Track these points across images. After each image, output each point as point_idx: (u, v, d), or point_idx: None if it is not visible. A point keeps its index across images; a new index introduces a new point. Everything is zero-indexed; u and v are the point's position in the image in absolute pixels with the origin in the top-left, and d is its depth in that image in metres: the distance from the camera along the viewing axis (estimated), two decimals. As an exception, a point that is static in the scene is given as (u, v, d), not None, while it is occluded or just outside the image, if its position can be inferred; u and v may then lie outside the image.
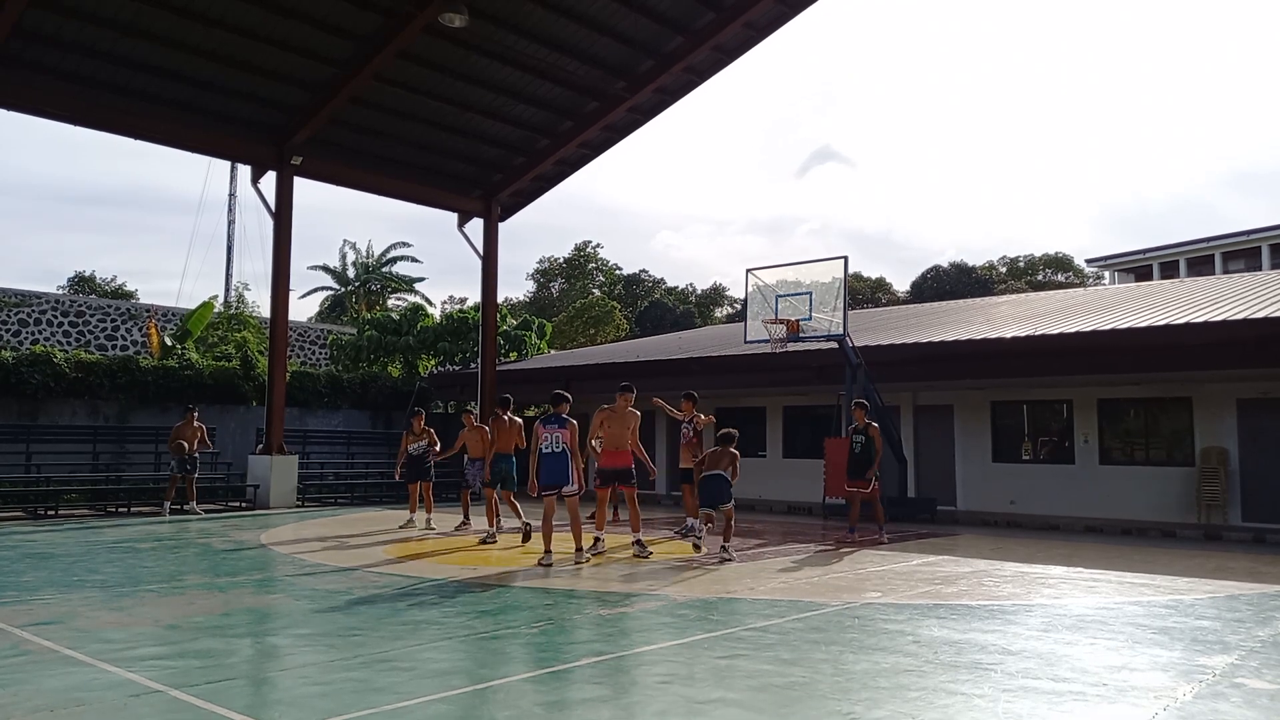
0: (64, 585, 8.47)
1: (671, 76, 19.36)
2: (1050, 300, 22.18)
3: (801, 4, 18.00)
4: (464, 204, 22.32)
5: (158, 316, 28.22)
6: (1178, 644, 6.34)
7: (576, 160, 22.37)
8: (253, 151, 19.01)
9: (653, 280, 59.94)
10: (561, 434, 9.93)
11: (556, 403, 10.17)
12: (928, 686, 5.18)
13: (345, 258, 44.19)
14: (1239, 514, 15.26)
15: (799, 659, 5.78)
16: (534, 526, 11.73)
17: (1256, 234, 44.03)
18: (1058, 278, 56.09)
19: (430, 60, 17.97)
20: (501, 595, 8.14)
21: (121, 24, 15.53)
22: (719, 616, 7.23)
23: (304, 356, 31.99)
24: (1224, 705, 4.85)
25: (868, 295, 55.00)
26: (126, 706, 4.64)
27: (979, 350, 16.09)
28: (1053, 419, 17.86)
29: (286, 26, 16.41)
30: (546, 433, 9.96)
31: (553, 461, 9.94)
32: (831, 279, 15.90)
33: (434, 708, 4.67)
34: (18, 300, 26.79)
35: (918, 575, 9.56)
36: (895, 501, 15.86)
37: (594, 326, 43.54)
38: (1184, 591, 8.72)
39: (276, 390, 18.85)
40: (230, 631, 6.51)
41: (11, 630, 6.41)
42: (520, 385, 24.56)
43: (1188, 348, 14.32)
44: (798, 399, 20.71)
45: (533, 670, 5.49)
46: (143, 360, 20.93)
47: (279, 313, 19.10)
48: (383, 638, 6.31)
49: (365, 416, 24.00)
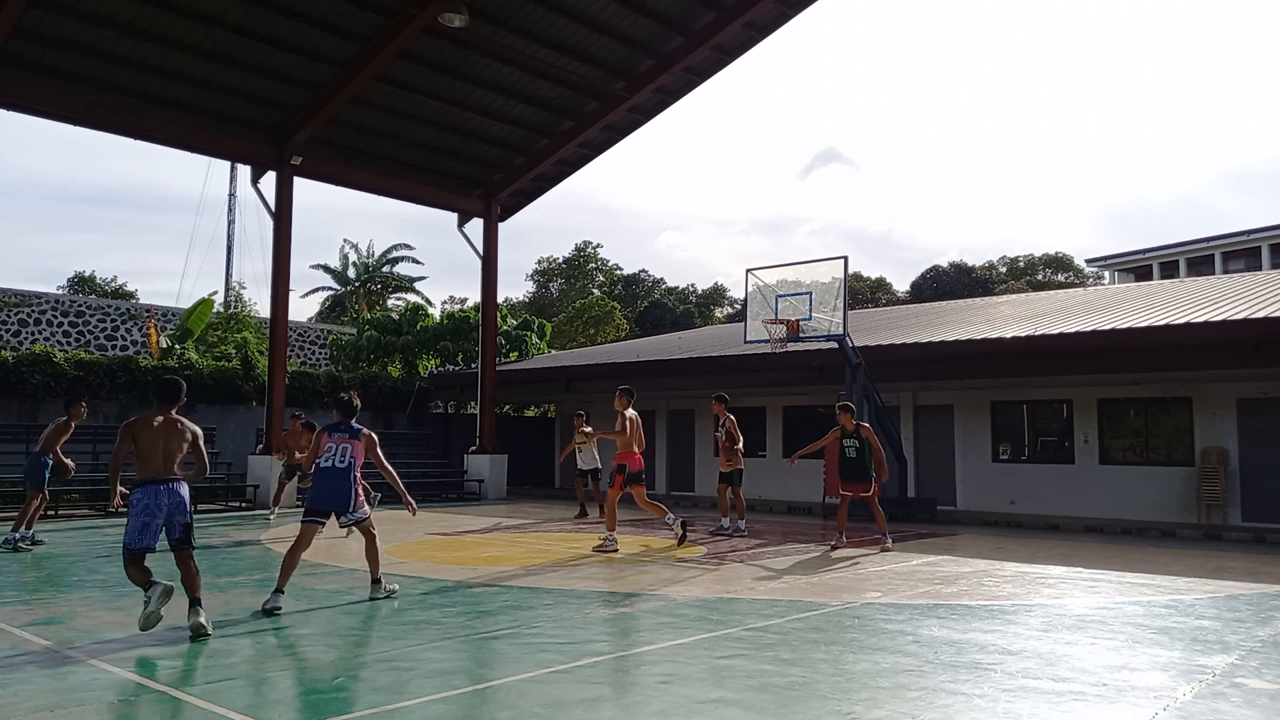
0: (64, 585, 8.47)
1: (671, 76, 19.36)
2: (1050, 300, 22.18)
3: (801, 4, 17.99)
4: (464, 204, 22.32)
5: (157, 316, 28.20)
6: (1178, 644, 6.33)
7: (576, 160, 22.36)
8: (253, 151, 19.01)
9: (653, 280, 59.95)
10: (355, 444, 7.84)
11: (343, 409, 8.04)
12: (928, 686, 5.18)
13: (346, 258, 44.18)
14: (1239, 514, 15.27)
15: (799, 659, 5.78)
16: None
17: (1256, 234, 44.02)
18: (1058, 278, 56.09)
19: (430, 60, 17.96)
20: (501, 595, 8.13)
21: (121, 24, 15.52)
22: (719, 616, 7.23)
23: (304, 356, 31.98)
24: (1224, 705, 4.84)
25: (868, 295, 55.00)
26: (126, 706, 4.64)
27: (979, 350, 16.09)
28: (1053, 419, 17.86)
29: (287, 26, 16.41)
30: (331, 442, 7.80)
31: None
32: (831, 279, 15.90)
33: (434, 708, 4.67)
34: (18, 300, 26.78)
35: (918, 575, 9.55)
36: (895, 501, 15.86)
37: (594, 326, 43.54)
38: (1184, 591, 8.72)
39: (276, 390, 18.85)
40: (230, 631, 6.51)
41: (11, 630, 6.41)
42: (520, 386, 24.60)
43: (1188, 348, 14.32)
44: (798, 399, 20.71)
45: (533, 670, 5.49)
46: (142, 360, 20.92)
47: (279, 313, 19.10)
48: (383, 638, 6.31)
49: (365, 417, 23.99)
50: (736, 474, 13.43)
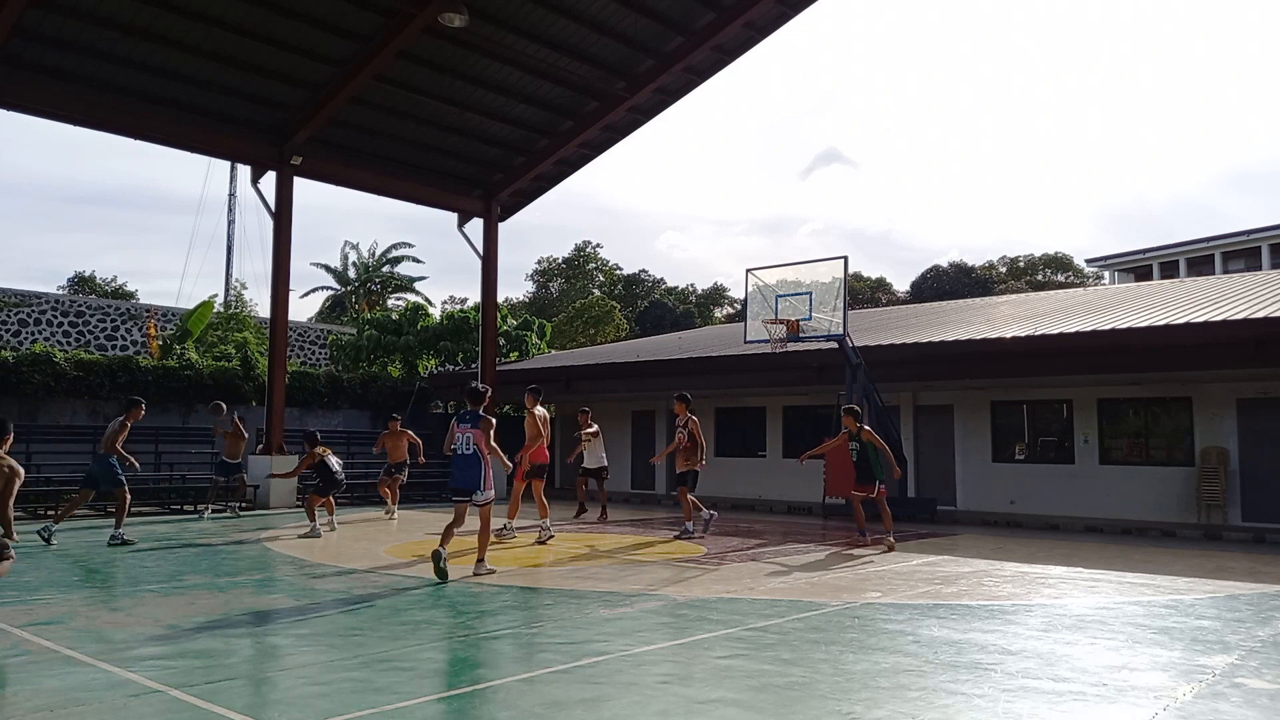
0: (64, 585, 8.47)
1: (671, 76, 19.36)
2: (1050, 300, 22.18)
3: (801, 4, 17.99)
4: (464, 204, 22.32)
5: (157, 316, 28.21)
6: (1178, 644, 6.33)
7: (576, 160, 22.37)
8: (253, 151, 19.01)
9: (652, 280, 59.94)
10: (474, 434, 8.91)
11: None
12: (928, 686, 5.18)
13: (346, 257, 44.18)
14: (1239, 514, 15.26)
15: (799, 659, 5.78)
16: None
17: (1256, 234, 44.04)
18: (1058, 278, 56.09)
19: (430, 60, 17.96)
20: (501, 595, 8.14)
21: (121, 24, 15.52)
22: (719, 616, 7.23)
23: (304, 356, 31.98)
24: (1224, 705, 4.84)
25: (868, 295, 55.00)
26: (126, 706, 4.64)
27: (979, 350, 16.09)
28: (1053, 419, 17.86)
29: (287, 26, 16.40)
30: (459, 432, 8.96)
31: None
32: (831, 279, 15.91)
33: (434, 708, 4.67)
34: (18, 300, 26.78)
35: (918, 575, 9.56)
36: (895, 501, 15.80)
37: (594, 326, 43.54)
38: (1184, 591, 8.72)
39: (276, 390, 18.84)
40: (230, 631, 6.51)
41: (11, 630, 6.41)
42: (520, 385, 24.56)
43: (1188, 348, 14.32)
44: (798, 399, 20.71)
45: (533, 670, 5.49)
46: (142, 360, 20.92)
47: (279, 313, 19.10)
48: (383, 638, 6.31)
49: (365, 417, 24.00)
50: (691, 475, 13.27)
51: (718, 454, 22.31)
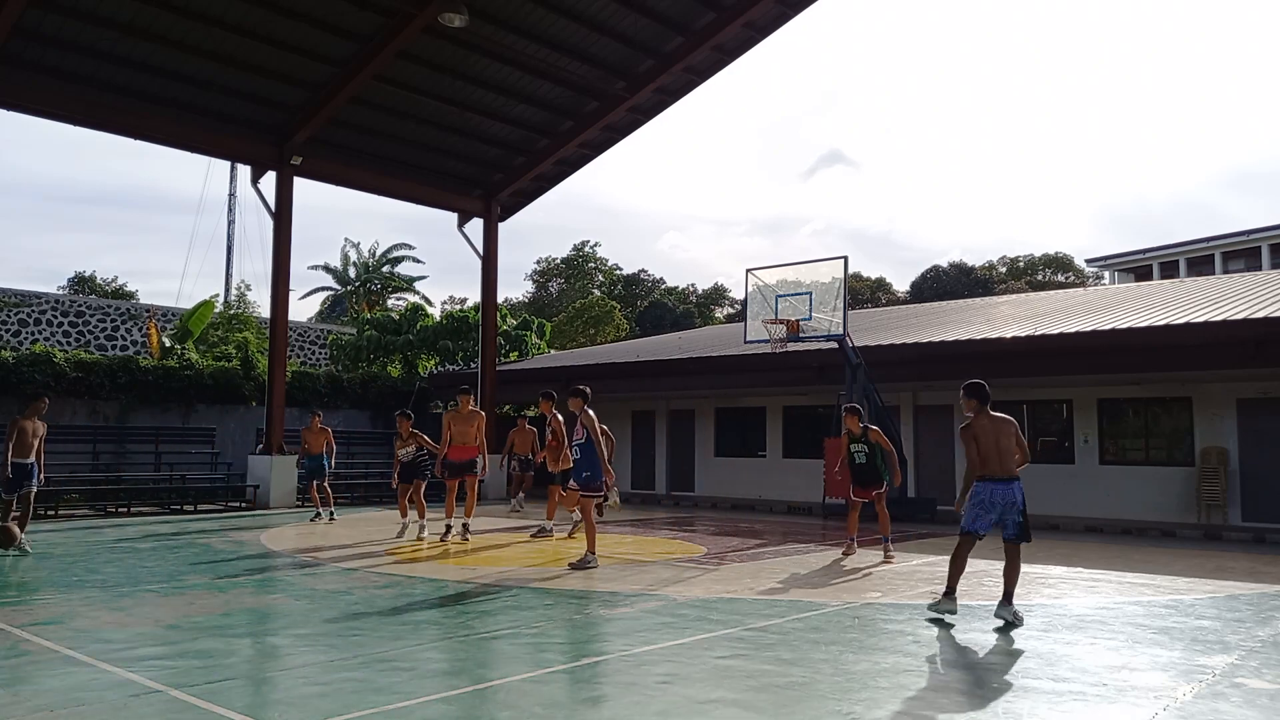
0: (64, 585, 8.46)
1: (671, 76, 19.36)
2: (1050, 300, 22.18)
3: (801, 4, 18.01)
4: (464, 204, 22.32)
5: (158, 316, 28.20)
6: (1178, 644, 6.33)
7: (576, 160, 22.37)
8: (253, 151, 19.01)
9: (652, 280, 59.92)
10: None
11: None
12: (928, 686, 5.18)
13: (346, 257, 44.16)
14: (1239, 514, 15.27)
15: (799, 659, 5.78)
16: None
17: (1256, 234, 44.03)
18: (1058, 278, 56.10)
19: (430, 60, 17.97)
20: (501, 595, 8.13)
21: (121, 24, 15.53)
22: (719, 616, 7.23)
23: (304, 356, 31.98)
24: (1224, 705, 4.84)
25: (868, 295, 55.00)
26: (126, 706, 4.64)
27: (979, 350, 16.09)
28: (1053, 419, 17.86)
29: (287, 26, 16.41)
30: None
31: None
32: (831, 279, 15.90)
33: (434, 708, 4.67)
34: (18, 300, 26.78)
35: (918, 575, 9.55)
36: (895, 502, 15.76)
37: (594, 326, 43.52)
38: (1184, 591, 8.72)
39: (276, 390, 18.85)
40: (230, 631, 6.50)
41: (11, 630, 6.41)
42: (520, 385, 24.58)
43: (1188, 348, 14.32)
44: (798, 399, 20.71)
45: (533, 670, 5.49)
46: (143, 360, 20.91)
47: (279, 313, 19.10)
48: (383, 638, 6.31)
49: (365, 416, 24.00)
50: (564, 475, 12.31)
51: (718, 454, 22.33)
